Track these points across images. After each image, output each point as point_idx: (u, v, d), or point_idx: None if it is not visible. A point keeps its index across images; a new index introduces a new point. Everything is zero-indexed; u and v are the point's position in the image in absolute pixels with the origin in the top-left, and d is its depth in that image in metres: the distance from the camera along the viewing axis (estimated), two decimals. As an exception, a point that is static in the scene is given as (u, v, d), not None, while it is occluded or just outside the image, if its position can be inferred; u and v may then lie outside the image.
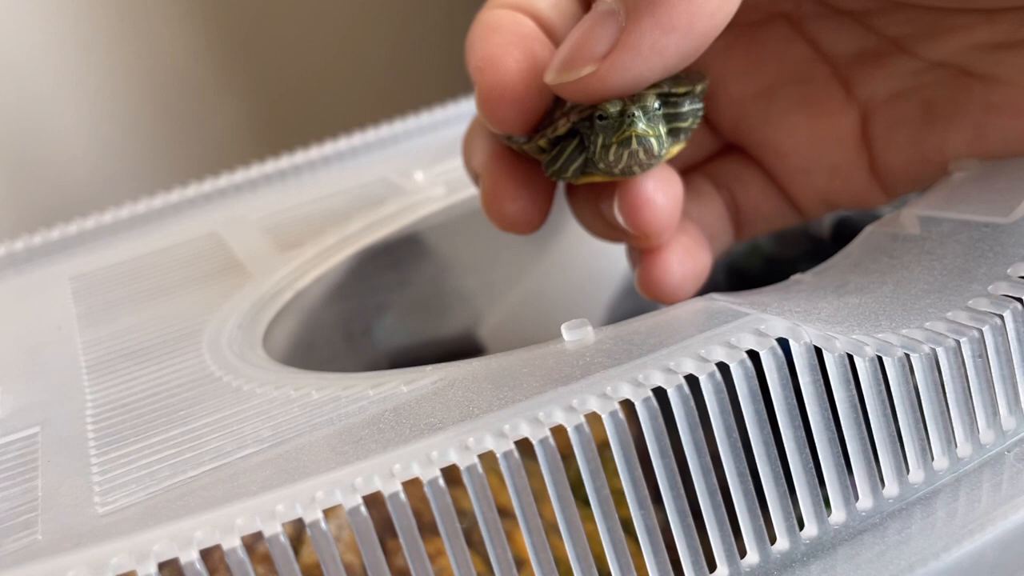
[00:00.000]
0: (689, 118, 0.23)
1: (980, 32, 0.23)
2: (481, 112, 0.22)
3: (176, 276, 0.32)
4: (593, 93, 0.20)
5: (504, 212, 0.24)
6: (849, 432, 0.18)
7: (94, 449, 0.21)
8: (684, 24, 0.19)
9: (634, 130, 0.21)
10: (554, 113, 0.22)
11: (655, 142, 0.21)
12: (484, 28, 0.22)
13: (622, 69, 0.20)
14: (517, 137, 0.23)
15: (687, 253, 0.24)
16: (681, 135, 0.23)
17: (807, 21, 0.25)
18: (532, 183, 0.24)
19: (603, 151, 0.22)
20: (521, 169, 0.24)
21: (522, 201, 0.24)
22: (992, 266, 0.21)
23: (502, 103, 0.22)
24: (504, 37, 0.22)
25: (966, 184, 0.24)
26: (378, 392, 0.21)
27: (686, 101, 0.22)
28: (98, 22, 0.65)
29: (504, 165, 0.24)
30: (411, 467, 0.16)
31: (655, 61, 0.20)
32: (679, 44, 0.19)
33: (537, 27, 0.23)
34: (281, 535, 0.16)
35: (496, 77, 0.22)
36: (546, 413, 0.17)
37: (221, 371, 0.24)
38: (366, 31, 0.74)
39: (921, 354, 0.19)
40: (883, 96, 0.25)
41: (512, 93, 0.22)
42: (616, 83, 0.20)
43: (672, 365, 0.18)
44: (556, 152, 0.23)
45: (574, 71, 0.20)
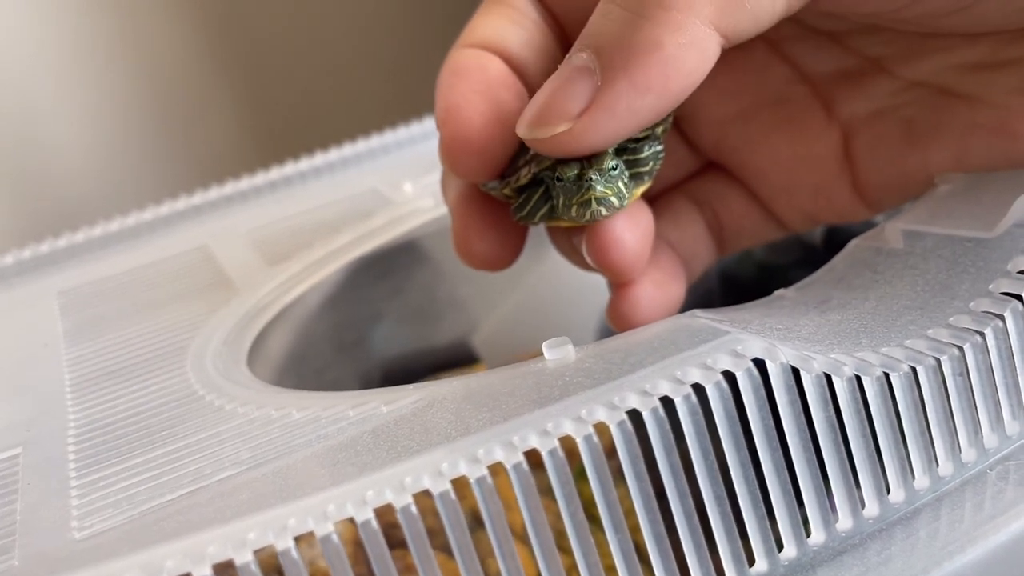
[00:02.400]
0: (650, 162, 0.23)
1: (960, 53, 0.23)
2: (443, 162, 0.22)
3: (163, 291, 0.32)
4: (567, 150, 0.20)
5: (474, 252, 0.24)
6: (828, 452, 0.18)
7: (74, 471, 0.21)
8: (659, 86, 0.19)
9: (592, 193, 0.21)
10: (518, 160, 0.22)
11: (615, 199, 0.21)
12: (450, 74, 0.22)
13: (596, 129, 0.20)
14: (485, 182, 0.23)
15: (656, 288, 0.24)
16: (644, 177, 0.23)
17: (786, 43, 0.25)
18: (501, 224, 0.24)
19: (565, 208, 0.22)
20: (491, 210, 0.24)
21: (491, 242, 0.24)
22: (975, 282, 0.21)
23: (464, 155, 0.22)
24: (469, 85, 0.22)
25: (951, 198, 0.24)
26: (358, 413, 0.21)
27: (645, 146, 0.22)
28: (97, 35, 0.65)
29: (473, 206, 0.24)
30: (384, 494, 0.16)
31: (629, 121, 0.20)
32: (654, 105, 0.19)
33: (506, 69, 0.22)
34: (252, 563, 0.16)
35: (457, 129, 0.21)
36: (520, 437, 0.17)
37: (204, 390, 0.24)
38: (362, 44, 0.74)
39: (900, 373, 0.19)
40: (864, 115, 0.25)
41: (474, 145, 0.21)
42: (590, 142, 0.20)
43: (648, 387, 0.18)
44: (523, 199, 0.23)
45: (548, 128, 0.20)
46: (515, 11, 0.23)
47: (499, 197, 0.23)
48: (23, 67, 0.64)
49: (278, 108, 0.72)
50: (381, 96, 0.74)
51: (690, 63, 0.19)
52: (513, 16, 0.23)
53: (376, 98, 0.74)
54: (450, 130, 0.22)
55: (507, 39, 0.23)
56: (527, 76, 0.23)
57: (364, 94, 0.74)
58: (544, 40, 0.23)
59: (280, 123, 0.72)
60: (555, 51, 0.23)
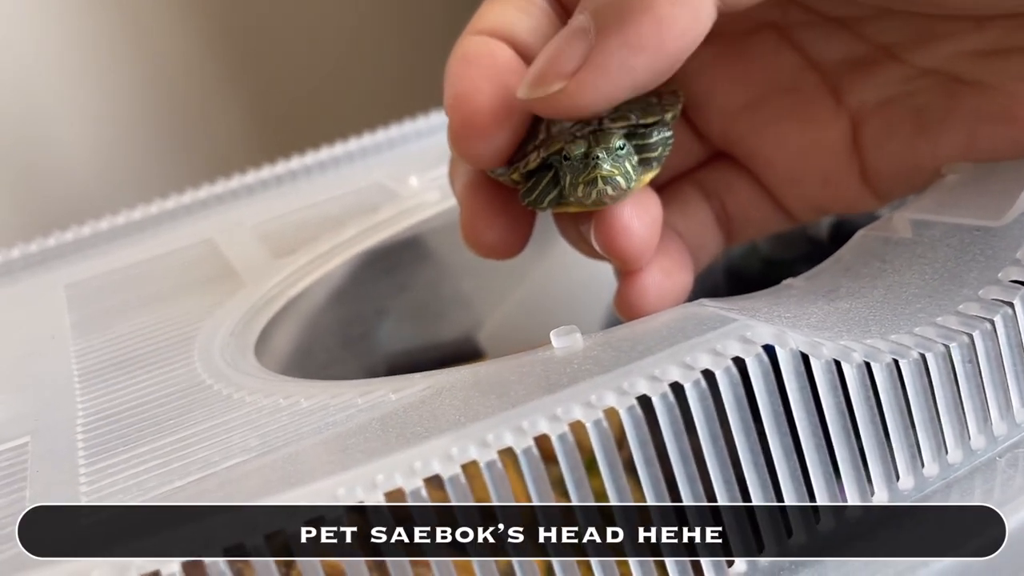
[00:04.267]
0: (659, 147, 0.23)
1: (969, 39, 0.23)
2: (453, 148, 0.22)
3: (170, 283, 0.32)
4: (563, 109, 0.20)
5: (482, 240, 0.24)
6: (837, 438, 0.18)
7: (83, 459, 0.21)
8: (654, 44, 0.19)
9: (599, 172, 0.21)
10: (527, 146, 0.22)
11: (622, 180, 0.21)
12: (459, 61, 0.22)
13: (591, 87, 0.20)
14: (494, 168, 0.23)
15: (665, 276, 0.24)
16: (653, 163, 0.23)
17: (795, 29, 0.25)
18: (510, 211, 0.24)
19: (572, 188, 0.22)
20: (499, 197, 0.24)
21: (499, 229, 0.24)
22: (983, 270, 0.21)
23: (473, 140, 0.22)
24: (477, 71, 0.22)
25: (959, 187, 0.24)
26: (366, 400, 0.21)
27: (655, 131, 0.22)
28: (103, 31, 0.65)
29: (481, 194, 0.24)
30: (394, 478, 0.16)
31: (624, 80, 0.20)
32: (649, 63, 0.19)
33: (514, 55, 0.22)
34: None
35: (466, 115, 0.22)
36: (530, 422, 0.17)
37: (212, 379, 0.24)
38: (366, 39, 0.74)
39: (910, 360, 0.19)
40: (873, 103, 0.25)
41: (482, 131, 0.22)
42: (585, 101, 0.20)
43: (658, 373, 0.18)
44: (531, 184, 0.23)
45: (543, 87, 0.20)
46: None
47: (507, 183, 0.23)
48: (29, 63, 0.64)
49: (283, 103, 0.72)
50: (386, 90, 0.74)
51: (683, 22, 0.19)
52: (520, 3, 0.23)
53: (381, 92, 0.74)
54: (460, 116, 0.22)
55: (515, 26, 0.23)
56: None
57: (369, 89, 0.74)
58: (552, 26, 0.23)
59: (285, 118, 0.72)
60: None
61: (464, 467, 0.16)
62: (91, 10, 0.65)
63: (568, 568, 0.17)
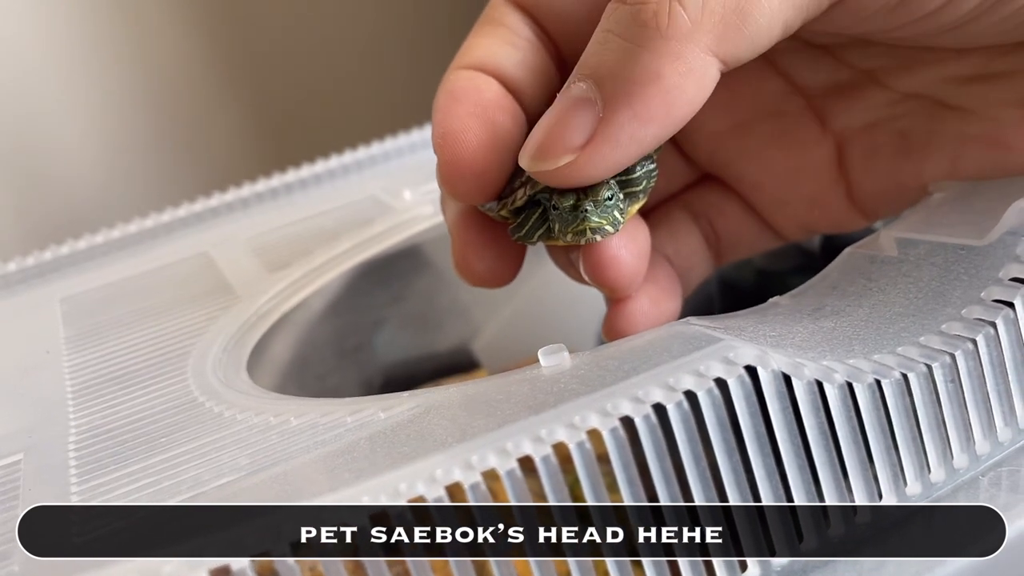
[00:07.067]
0: (643, 181, 0.23)
1: (952, 66, 0.23)
2: (441, 186, 0.22)
3: (165, 298, 0.32)
4: (570, 181, 0.20)
5: (473, 271, 0.24)
6: (819, 459, 0.18)
7: (75, 477, 0.21)
8: (662, 114, 0.19)
9: (587, 224, 0.21)
10: (514, 181, 0.23)
11: (610, 228, 0.22)
12: (446, 97, 0.22)
13: (599, 160, 0.20)
14: (483, 203, 0.23)
15: (652, 304, 0.24)
16: (639, 195, 0.23)
17: (780, 56, 0.25)
18: (500, 242, 0.24)
19: (561, 234, 0.22)
20: (489, 229, 0.24)
21: (490, 260, 0.24)
22: (967, 289, 0.21)
23: (461, 179, 0.22)
24: (464, 108, 0.22)
25: (944, 206, 0.24)
26: (355, 419, 0.21)
27: (637, 165, 0.22)
28: (100, 44, 0.66)
29: (472, 226, 0.24)
30: (379, 498, 0.17)
31: (632, 151, 0.20)
32: (656, 133, 0.19)
33: (501, 90, 0.22)
34: (248, 569, 0.16)
35: (455, 153, 0.22)
36: (515, 443, 0.17)
37: (204, 396, 0.24)
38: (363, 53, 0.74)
39: (892, 380, 0.19)
40: (858, 127, 0.25)
41: (471, 169, 0.22)
42: (593, 173, 0.20)
43: (641, 394, 0.18)
44: (520, 220, 0.23)
45: (551, 160, 0.20)
46: (509, 31, 0.23)
47: (497, 218, 0.24)
48: (26, 75, 0.64)
49: (279, 116, 0.73)
50: (381, 104, 0.74)
51: (690, 91, 0.19)
52: (507, 36, 0.23)
53: (376, 106, 0.74)
54: (447, 155, 0.22)
55: (502, 60, 0.23)
56: (523, 97, 0.23)
57: (364, 102, 0.75)
58: (539, 60, 0.23)
59: (280, 131, 0.72)
60: (550, 71, 0.23)
61: (449, 488, 0.17)
62: (89, 24, 0.65)
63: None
